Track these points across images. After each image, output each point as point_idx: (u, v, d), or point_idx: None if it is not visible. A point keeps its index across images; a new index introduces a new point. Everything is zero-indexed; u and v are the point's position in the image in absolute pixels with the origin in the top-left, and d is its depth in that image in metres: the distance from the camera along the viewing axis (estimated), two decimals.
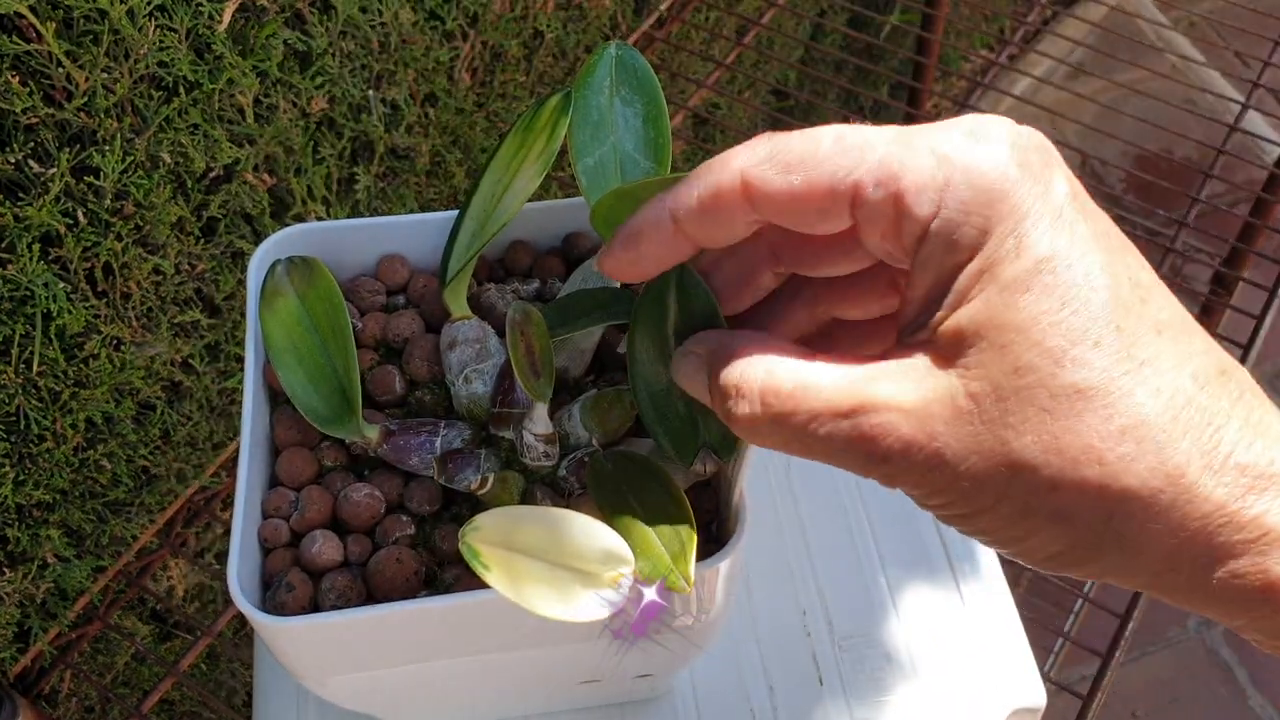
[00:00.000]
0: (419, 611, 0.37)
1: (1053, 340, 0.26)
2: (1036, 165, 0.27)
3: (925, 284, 0.28)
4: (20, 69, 0.53)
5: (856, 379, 0.28)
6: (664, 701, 0.53)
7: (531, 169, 0.41)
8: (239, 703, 0.88)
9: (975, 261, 0.26)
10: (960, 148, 0.27)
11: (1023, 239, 0.26)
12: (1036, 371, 0.26)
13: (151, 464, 0.71)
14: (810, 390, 0.28)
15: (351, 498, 0.40)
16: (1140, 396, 0.26)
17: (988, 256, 0.26)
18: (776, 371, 0.29)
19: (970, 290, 0.27)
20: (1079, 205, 0.27)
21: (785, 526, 0.58)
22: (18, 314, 0.57)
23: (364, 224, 0.46)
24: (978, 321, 0.26)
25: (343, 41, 0.70)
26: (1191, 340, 0.27)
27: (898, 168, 0.27)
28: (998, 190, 0.26)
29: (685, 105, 0.97)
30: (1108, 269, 0.26)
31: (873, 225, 0.28)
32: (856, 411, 0.27)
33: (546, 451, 0.39)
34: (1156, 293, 0.27)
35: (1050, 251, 0.26)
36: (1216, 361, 0.27)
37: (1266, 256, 0.89)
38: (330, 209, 0.76)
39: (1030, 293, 0.26)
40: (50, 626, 0.67)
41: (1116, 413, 0.25)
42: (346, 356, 0.40)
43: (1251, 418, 0.27)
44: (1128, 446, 0.26)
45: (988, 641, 0.55)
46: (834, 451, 0.28)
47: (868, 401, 0.27)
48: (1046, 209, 0.26)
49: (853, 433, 0.27)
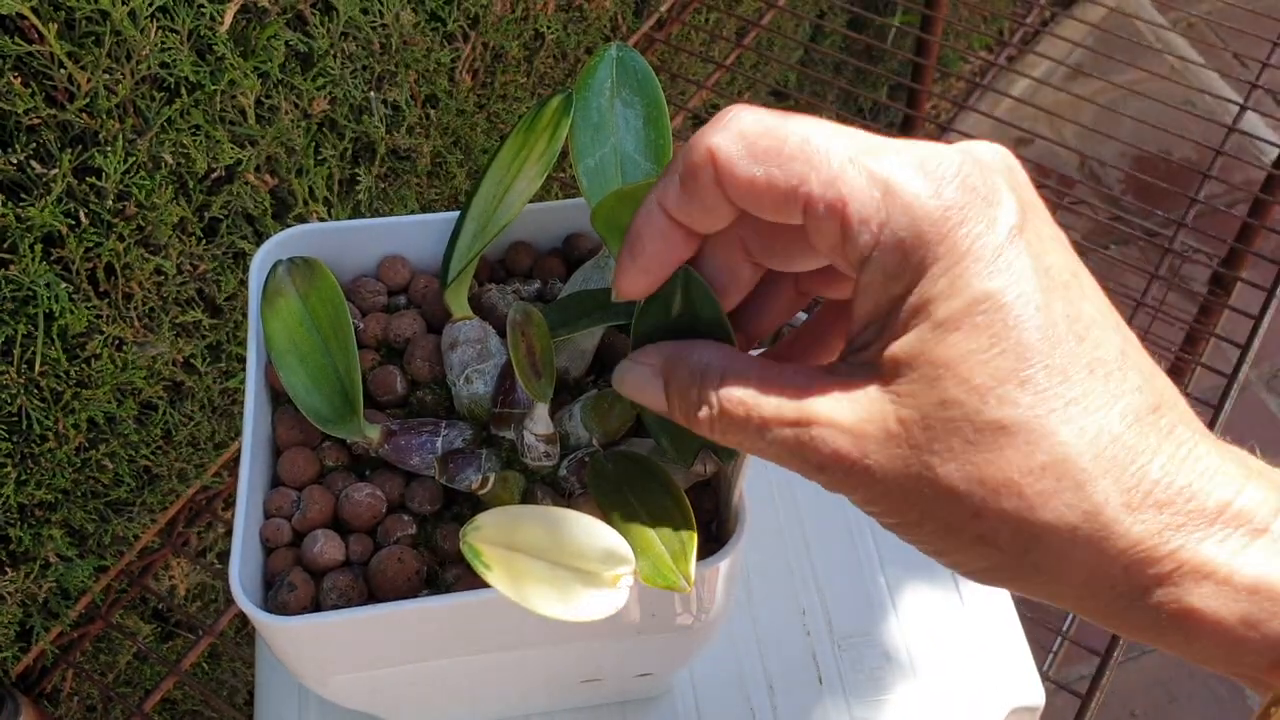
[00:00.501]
0: (420, 611, 0.37)
1: (979, 378, 0.26)
2: (980, 202, 0.27)
3: (866, 308, 0.28)
4: (22, 70, 0.53)
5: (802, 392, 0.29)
6: (664, 701, 0.53)
7: (532, 170, 0.42)
8: (240, 702, 0.88)
9: (913, 296, 0.27)
10: (905, 182, 0.27)
11: (957, 280, 0.27)
12: (962, 406, 0.27)
13: (153, 464, 0.71)
14: (760, 401, 0.29)
15: (353, 497, 0.40)
16: (1064, 435, 0.26)
17: (923, 294, 0.27)
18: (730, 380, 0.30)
19: (908, 323, 0.27)
20: (1027, 238, 0.27)
21: (785, 526, 0.59)
22: (20, 314, 0.57)
23: (365, 225, 0.46)
24: (910, 354, 0.27)
25: (344, 43, 0.70)
26: (1125, 377, 0.27)
27: (846, 193, 0.27)
28: (935, 233, 0.27)
29: (685, 106, 0.97)
30: (1043, 309, 0.27)
31: (820, 237, 0.28)
32: (799, 424, 0.28)
33: (547, 451, 0.39)
34: (1096, 329, 0.28)
35: (983, 292, 0.27)
36: (1151, 398, 0.28)
37: (1265, 257, 0.90)
38: (332, 210, 0.76)
39: (960, 331, 0.27)
40: (52, 626, 0.67)
41: (1038, 449, 0.26)
42: (348, 357, 0.40)
43: (1179, 453, 0.27)
44: (1047, 483, 0.26)
45: (987, 641, 0.55)
46: (782, 455, 0.29)
47: (808, 416, 0.28)
48: (985, 249, 0.27)
49: (795, 442, 0.29)
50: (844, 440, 0.28)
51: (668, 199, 0.31)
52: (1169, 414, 0.28)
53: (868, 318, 0.28)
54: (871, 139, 0.28)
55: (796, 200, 0.28)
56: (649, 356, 0.33)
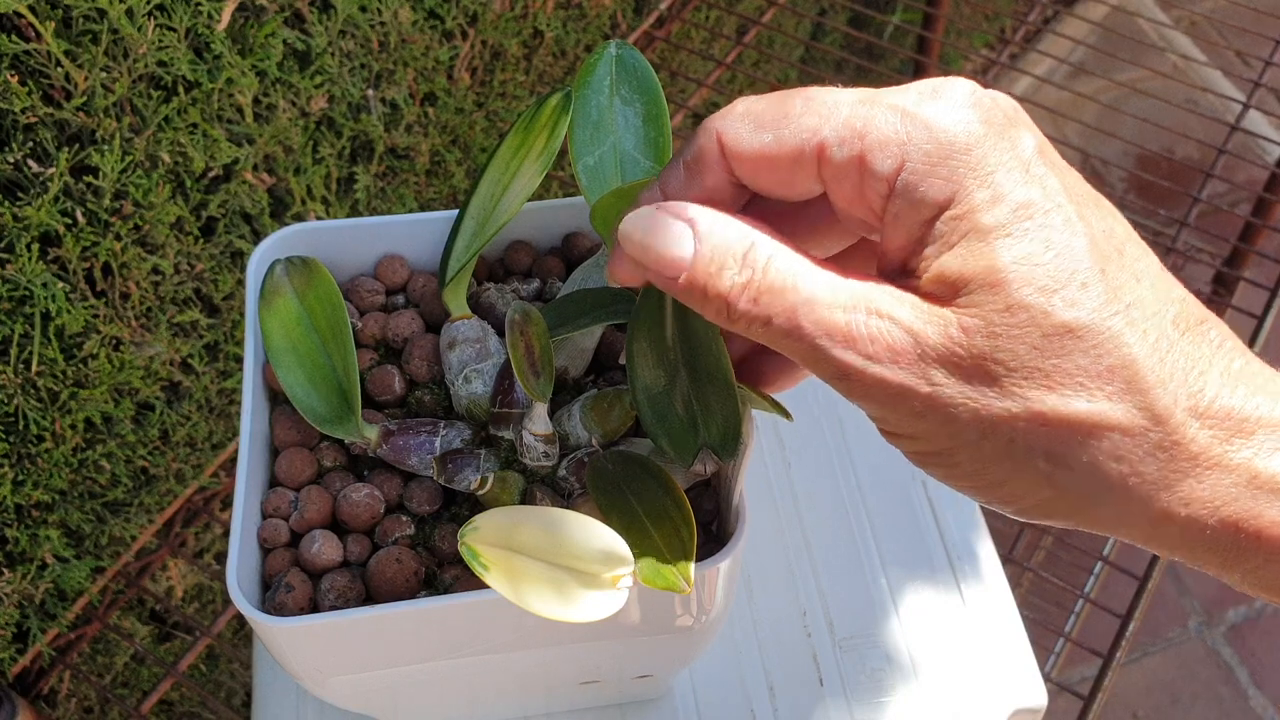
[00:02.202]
0: (418, 612, 0.36)
1: (1042, 280, 0.26)
2: (1000, 122, 0.27)
3: (899, 239, 0.28)
4: (19, 68, 0.53)
5: (854, 282, 0.27)
6: (664, 701, 0.53)
7: (531, 168, 0.41)
8: (238, 703, 0.88)
9: (951, 209, 0.27)
10: (921, 104, 0.27)
11: (997, 189, 0.26)
12: (1028, 310, 0.26)
13: (150, 464, 0.71)
14: (813, 275, 0.27)
15: (351, 498, 0.40)
16: (1129, 338, 0.26)
17: (963, 205, 0.26)
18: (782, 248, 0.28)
19: (951, 237, 0.27)
20: (1047, 160, 0.27)
21: (785, 526, 0.58)
22: (17, 314, 0.57)
23: (363, 224, 0.45)
24: (964, 264, 0.26)
25: (342, 41, 0.70)
26: (1170, 288, 0.27)
27: (861, 126, 0.27)
28: (961, 144, 0.27)
29: (685, 104, 0.97)
30: (1083, 218, 0.27)
31: (839, 186, 0.28)
32: (852, 309, 0.27)
33: (546, 451, 0.39)
34: (1130, 244, 0.28)
35: (1026, 199, 0.26)
36: (1196, 310, 0.27)
37: (1268, 256, 0.89)
38: (329, 208, 0.76)
39: (1012, 237, 0.26)
40: (49, 627, 0.67)
41: (1105, 353, 0.26)
42: (346, 356, 0.40)
43: (1232, 366, 0.27)
44: (1116, 385, 0.26)
45: (988, 642, 0.55)
46: (812, 345, 0.27)
47: (865, 303, 0.27)
48: (1015, 163, 0.27)
49: (843, 330, 0.27)
50: (900, 337, 0.26)
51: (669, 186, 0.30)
52: (1216, 327, 0.27)
53: (904, 244, 0.28)
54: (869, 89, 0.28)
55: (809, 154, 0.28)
56: (680, 210, 0.29)
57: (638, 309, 0.35)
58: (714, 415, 0.35)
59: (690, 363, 0.35)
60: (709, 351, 0.34)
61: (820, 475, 0.60)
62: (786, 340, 0.28)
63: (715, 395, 0.35)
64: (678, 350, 0.35)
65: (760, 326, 0.28)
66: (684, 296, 0.29)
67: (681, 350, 0.35)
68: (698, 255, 0.28)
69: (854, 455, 0.61)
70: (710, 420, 0.36)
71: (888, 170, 0.27)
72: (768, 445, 0.61)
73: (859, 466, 0.60)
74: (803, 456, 0.61)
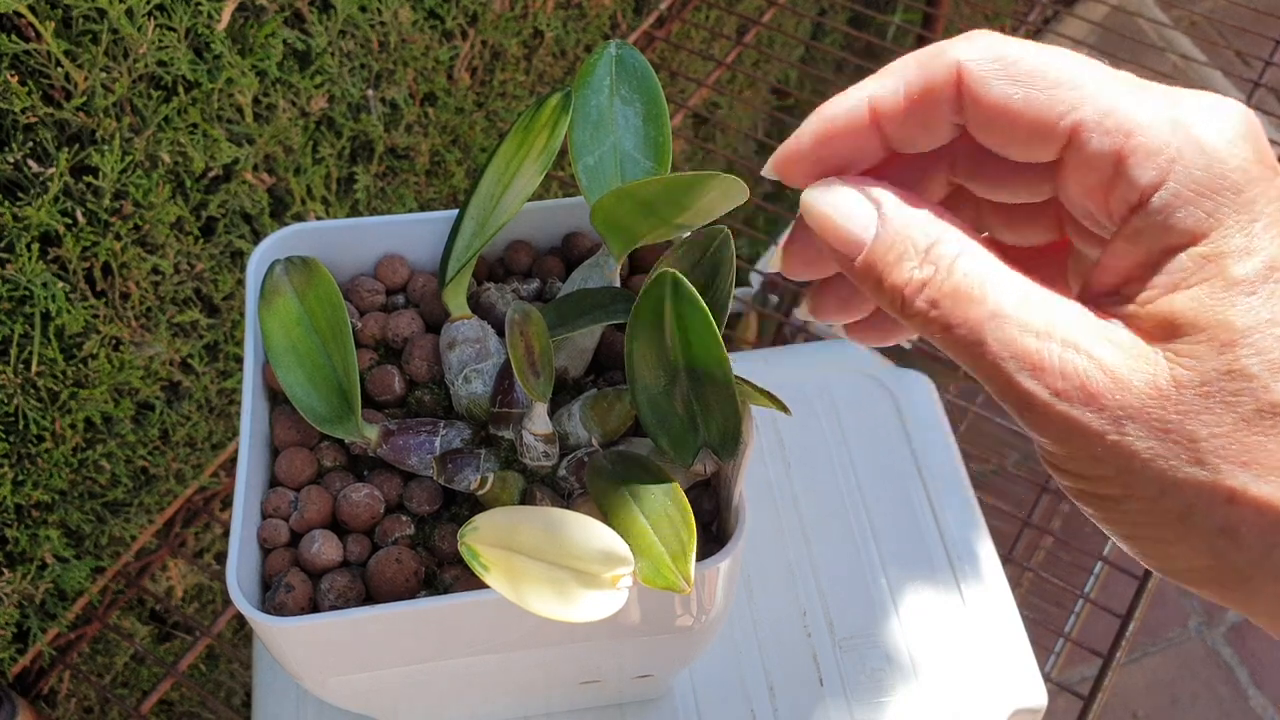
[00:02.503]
0: (418, 612, 0.36)
1: (1275, 353, 0.24)
2: (1271, 166, 0.25)
3: (1133, 257, 0.25)
4: (19, 68, 0.53)
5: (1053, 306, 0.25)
6: (664, 702, 0.53)
7: (531, 168, 0.41)
8: (238, 703, 0.88)
9: (1200, 247, 0.24)
10: (1199, 121, 0.25)
11: (1254, 239, 0.24)
12: (1251, 381, 0.24)
13: (150, 464, 0.71)
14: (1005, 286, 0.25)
15: (351, 498, 0.40)
16: None
17: (1216, 245, 0.24)
18: (972, 245, 0.26)
19: (1191, 278, 0.24)
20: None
21: (785, 526, 0.58)
22: (16, 314, 0.57)
23: (363, 223, 0.45)
24: (1198, 312, 0.24)
25: (342, 41, 0.70)
26: None
27: (1130, 123, 0.25)
28: (1233, 180, 0.24)
29: (685, 104, 0.97)
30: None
31: (1080, 175, 0.26)
32: (1046, 336, 0.25)
33: (546, 451, 0.39)
34: None
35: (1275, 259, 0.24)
36: None
37: None
38: (329, 208, 0.76)
39: (1257, 296, 0.24)
40: (49, 627, 0.67)
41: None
42: (346, 356, 0.40)
43: None
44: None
45: (989, 642, 0.55)
46: (995, 365, 0.25)
47: (1063, 333, 0.25)
48: (1276, 213, 0.24)
49: (1033, 356, 0.24)
50: (1099, 378, 0.24)
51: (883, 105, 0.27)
52: None
53: (1133, 267, 0.25)
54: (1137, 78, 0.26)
55: (1059, 129, 0.25)
56: (868, 186, 0.27)
57: (637, 309, 0.35)
58: (713, 415, 0.35)
59: (690, 362, 0.35)
60: (709, 351, 0.34)
61: (820, 475, 0.60)
62: (965, 354, 0.26)
63: (715, 395, 0.35)
64: (678, 350, 0.35)
65: (938, 331, 0.26)
66: (860, 281, 0.27)
67: (681, 350, 0.35)
68: (878, 238, 0.26)
69: (854, 455, 0.61)
70: (710, 420, 0.36)
71: (1146, 181, 0.25)
72: (768, 445, 0.61)
73: (859, 466, 0.60)
74: (803, 456, 0.61)
